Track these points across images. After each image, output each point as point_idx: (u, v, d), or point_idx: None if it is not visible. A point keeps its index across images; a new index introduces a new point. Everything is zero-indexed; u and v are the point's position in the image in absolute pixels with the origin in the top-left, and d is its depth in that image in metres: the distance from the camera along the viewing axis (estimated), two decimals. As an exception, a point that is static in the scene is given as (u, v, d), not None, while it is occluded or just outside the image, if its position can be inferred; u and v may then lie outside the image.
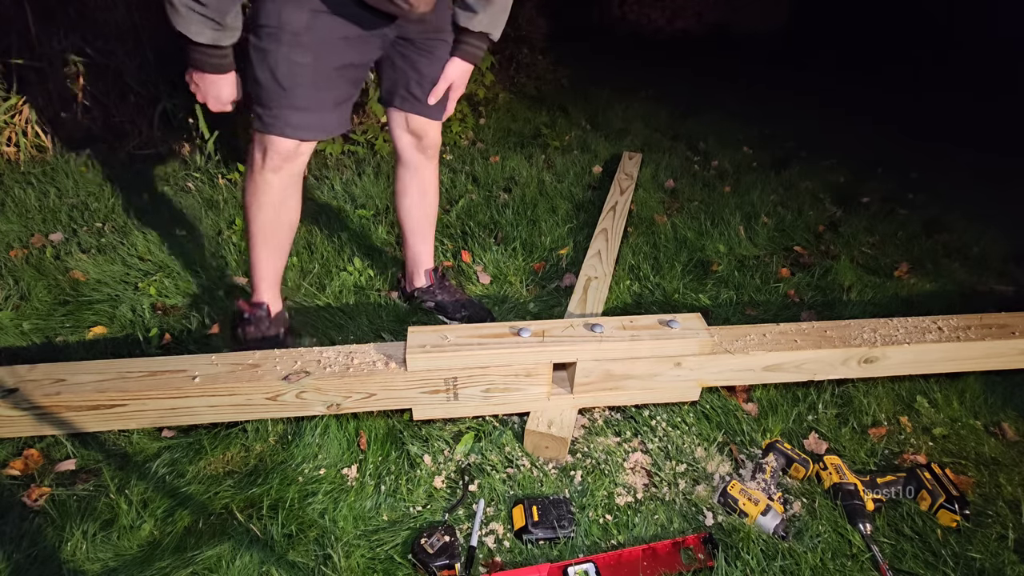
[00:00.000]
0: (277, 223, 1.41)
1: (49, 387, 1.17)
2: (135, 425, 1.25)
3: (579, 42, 5.51)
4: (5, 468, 1.21)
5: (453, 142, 3.07)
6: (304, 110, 1.26)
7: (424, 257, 1.74)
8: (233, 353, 1.28)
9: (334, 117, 1.33)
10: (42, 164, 2.55)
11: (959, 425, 1.43)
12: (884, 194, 2.79)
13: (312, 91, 1.25)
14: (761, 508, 1.15)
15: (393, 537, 1.12)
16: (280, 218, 1.41)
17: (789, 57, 5.70)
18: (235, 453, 1.28)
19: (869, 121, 3.94)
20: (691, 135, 3.49)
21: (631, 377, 1.32)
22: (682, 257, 2.11)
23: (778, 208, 2.55)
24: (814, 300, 1.93)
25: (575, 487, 1.25)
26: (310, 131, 1.30)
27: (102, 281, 1.81)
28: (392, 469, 1.26)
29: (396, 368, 1.23)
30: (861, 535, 1.14)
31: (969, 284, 2.08)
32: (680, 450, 1.33)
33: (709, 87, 4.64)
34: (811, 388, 1.49)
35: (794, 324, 1.42)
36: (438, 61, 1.41)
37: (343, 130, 1.38)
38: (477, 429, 1.36)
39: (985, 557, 1.11)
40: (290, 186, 1.38)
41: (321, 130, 1.32)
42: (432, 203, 1.67)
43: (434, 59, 1.41)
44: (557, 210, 2.42)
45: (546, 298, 1.88)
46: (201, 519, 1.13)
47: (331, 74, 1.26)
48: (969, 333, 1.41)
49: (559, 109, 3.81)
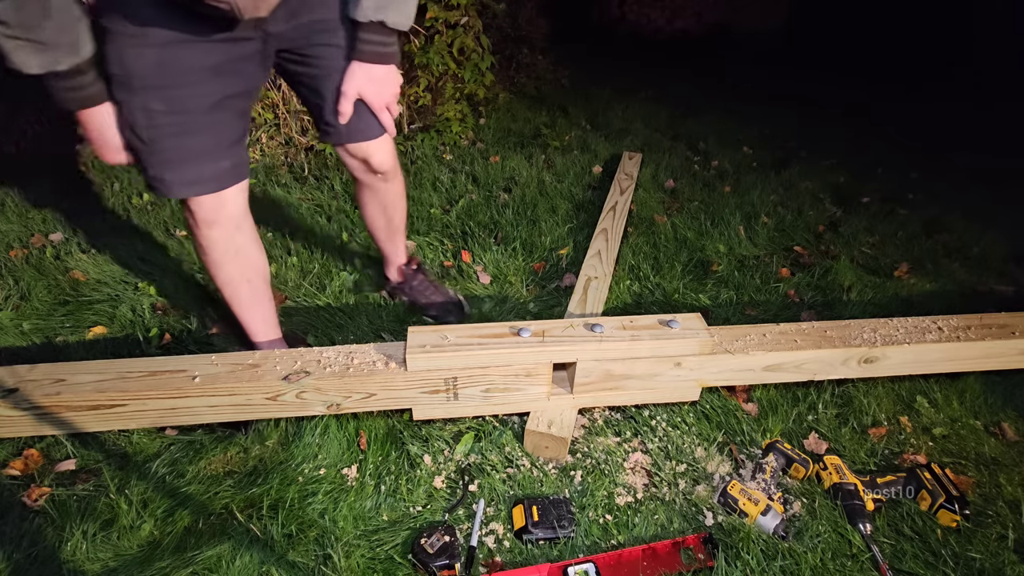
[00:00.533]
0: (241, 277, 1.30)
1: (49, 387, 1.17)
2: (135, 425, 1.25)
3: (579, 42, 5.51)
4: (5, 468, 1.21)
5: (453, 142, 3.07)
6: (183, 162, 1.09)
7: (392, 256, 1.70)
8: (233, 353, 1.28)
9: (228, 161, 1.14)
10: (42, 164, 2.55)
11: (959, 425, 1.43)
12: (884, 194, 2.79)
13: (183, 140, 1.07)
14: (761, 508, 1.15)
15: (393, 537, 1.12)
16: (243, 271, 1.29)
17: (789, 57, 5.69)
18: (235, 453, 1.28)
19: (869, 121, 3.93)
20: (691, 135, 3.48)
21: (631, 377, 1.32)
22: (682, 257, 2.11)
23: (778, 208, 2.55)
24: (814, 300, 1.93)
25: (575, 487, 1.25)
26: (200, 185, 1.12)
27: (102, 281, 1.81)
28: (392, 469, 1.26)
29: (396, 368, 1.23)
30: (861, 535, 1.14)
31: (969, 284, 2.07)
32: (680, 450, 1.33)
33: (709, 87, 4.63)
34: (811, 388, 1.49)
35: (794, 324, 1.42)
36: (334, 73, 1.18)
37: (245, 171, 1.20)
38: (477, 429, 1.36)
39: (985, 557, 1.11)
40: (236, 235, 1.23)
41: (214, 180, 1.13)
42: (396, 215, 1.57)
43: (329, 71, 1.18)
44: (557, 210, 2.42)
45: (546, 298, 1.88)
46: (201, 519, 1.13)
47: (207, 113, 1.07)
48: (969, 333, 1.41)
49: (559, 109, 3.81)
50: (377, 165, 1.36)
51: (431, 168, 2.73)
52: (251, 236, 1.29)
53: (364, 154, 1.33)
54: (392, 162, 1.40)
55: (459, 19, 2.82)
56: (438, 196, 2.49)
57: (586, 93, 4.20)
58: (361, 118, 1.25)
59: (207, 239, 1.21)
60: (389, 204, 1.53)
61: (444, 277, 1.94)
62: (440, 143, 3.05)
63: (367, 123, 1.27)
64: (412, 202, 2.40)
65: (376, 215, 1.56)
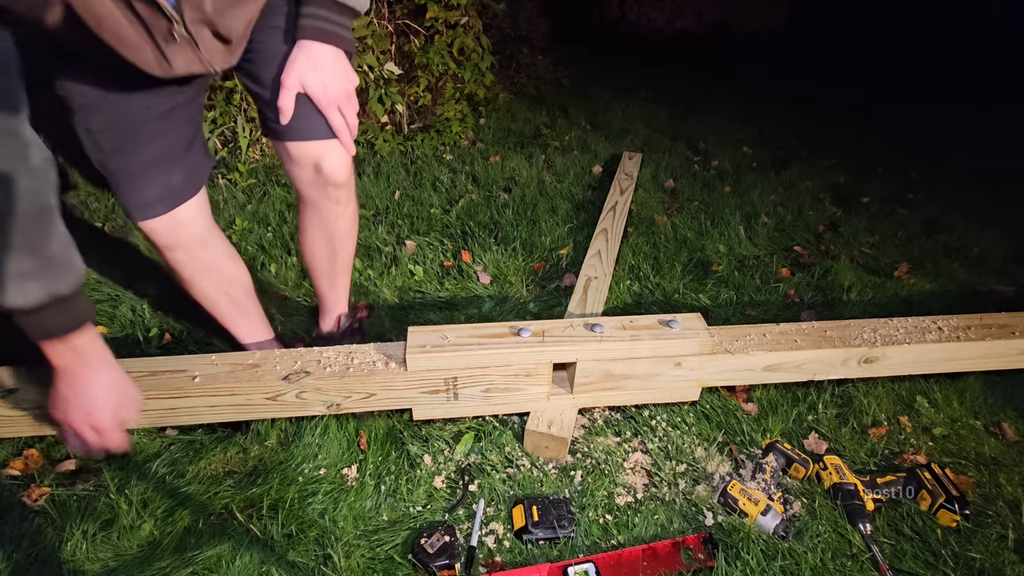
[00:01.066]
0: (217, 291, 1.24)
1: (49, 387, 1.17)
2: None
3: (579, 42, 5.51)
4: (5, 468, 1.21)
5: (453, 142, 3.07)
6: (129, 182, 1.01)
7: (331, 300, 1.43)
8: (233, 353, 1.28)
9: (179, 175, 1.05)
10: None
11: (959, 425, 1.43)
12: (884, 194, 2.79)
13: (126, 159, 0.99)
14: (761, 508, 1.15)
15: (393, 537, 1.12)
16: (218, 285, 1.23)
17: (789, 56, 5.70)
18: (235, 453, 1.28)
19: (869, 121, 3.94)
20: (691, 135, 3.49)
21: (631, 377, 1.32)
22: (682, 257, 2.11)
23: (778, 208, 2.55)
24: (814, 300, 1.93)
25: (575, 487, 1.25)
26: (150, 207, 1.04)
27: (102, 281, 1.81)
28: (392, 469, 1.26)
29: (396, 368, 1.23)
30: (861, 535, 1.14)
31: (969, 284, 2.08)
32: (680, 450, 1.33)
33: (709, 87, 4.64)
34: (811, 388, 1.49)
35: (794, 324, 1.42)
36: (273, 58, 1.01)
37: (202, 178, 1.10)
38: (477, 429, 1.36)
39: (985, 557, 1.11)
40: (203, 253, 1.15)
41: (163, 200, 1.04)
42: (343, 248, 1.31)
43: (268, 57, 1.01)
44: (557, 210, 2.42)
45: (546, 298, 1.88)
46: (201, 519, 1.13)
47: (152, 124, 0.98)
48: (969, 333, 1.41)
49: (559, 109, 3.81)
50: (329, 172, 1.11)
51: (431, 168, 2.73)
52: (220, 251, 1.21)
53: (313, 156, 1.09)
54: (347, 176, 1.15)
55: (459, 19, 2.82)
56: (438, 196, 2.49)
57: (586, 93, 4.20)
58: (306, 114, 1.04)
59: (173, 262, 1.16)
60: (337, 233, 1.25)
61: (444, 277, 1.95)
62: (440, 143, 3.05)
63: (313, 120, 1.05)
64: (412, 202, 2.41)
65: (318, 245, 1.28)
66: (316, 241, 1.28)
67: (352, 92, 1.07)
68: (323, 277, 1.37)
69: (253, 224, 2.17)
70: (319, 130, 1.07)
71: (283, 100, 1.01)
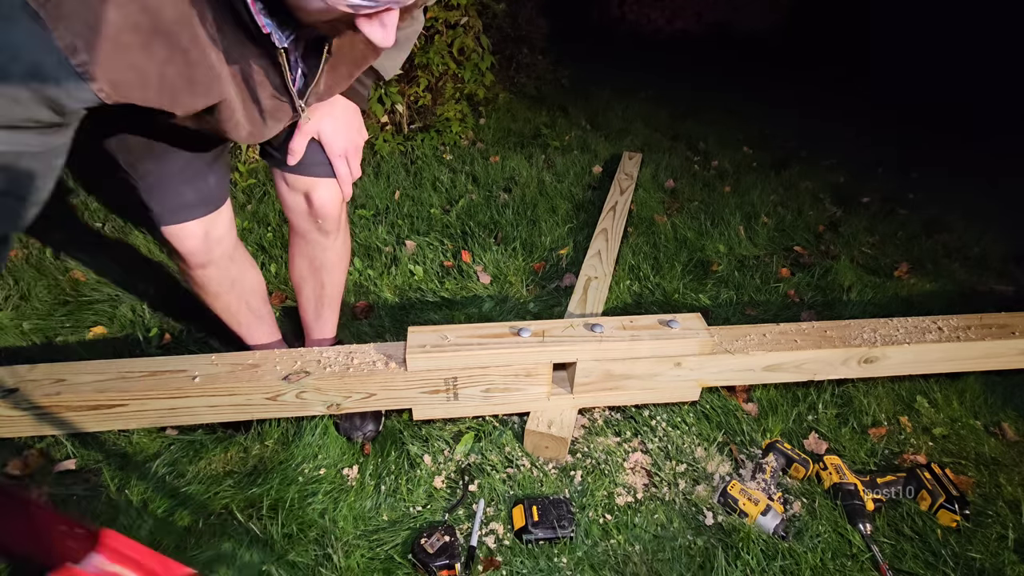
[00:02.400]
0: (239, 303, 1.24)
1: (49, 387, 1.17)
2: (135, 425, 1.25)
3: (579, 42, 5.51)
4: (5, 468, 1.21)
5: (453, 142, 3.07)
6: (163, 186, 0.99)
7: (312, 331, 1.41)
8: (233, 353, 1.28)
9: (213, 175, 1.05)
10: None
11: (959, 425, 1.43)
12: (884, 194, 2.79)
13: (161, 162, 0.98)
14: (761, 508, 1.15)
15: (393, 537, 1.12)
16: (240, 297, 1.23)
17: (789, 56, 5.70)
18: (235, 453, 1.28)
19: (869, 121, 3.94)
20: (691, 135, 3.48)
21: (631, 377, 1.32)
22: (682, 257, 2.11)
23: (778, 208, 2.55)
24: (814, 300, 1.93)
25: (575, 487, 1.25)
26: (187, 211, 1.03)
27: (102, 281, 1.81)
28: (392, 469, 1.26)
29: (396, 368, 1.23)
30: (861, 535, 1.14)
31: (969, 284, 2.08)
32: (680, 450, 1.33)
33: (709, 87, 4.64)
34: (811, 388, 1.49)
35: (794, 324, 1.42)
36: None
37: (228, 181, 1.11)
38: (477, 429, 1.36)
39: (985, 557, 1.11)
40: (231, 267, 1.16)
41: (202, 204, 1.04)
42: (331, 281, 1.31)
43: None
44: (557, 210, 2.42)
45: (546, 298, 1.88)
46: (201, 519, 1.13)
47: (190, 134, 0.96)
48: (969, 333, 1.41)
49: (559, 109, 3.81)
50: (319, 205, 1.13)
51: (431, 168, 2.73)
52: (245, 261, 1.23)
53: (306, 186, 1.11)
54: (338, 212, 1.17)
55: (459, 19, 2.82)
56: (438, 196, 2.49)
57: (586, 93, 4.20)
58: (310, 151, 1.07)
59: (204, 278, 1.16)
60: (326, 265, 1.27)
61: (444, 277, 1.95)
62: (440, 143, 3.05)
63: (315, 157, 1.08)
64: (412, 202, 2.41)
65: (305, 276, 1.29)
66: (303, 271, 1.29)
67: (361, 146, 1.12)
68: (310, 310, 1.37)
69: (253, 224, 2.17)
70: (319, 168, 1.10)
71: (296, 143, 1.04)
